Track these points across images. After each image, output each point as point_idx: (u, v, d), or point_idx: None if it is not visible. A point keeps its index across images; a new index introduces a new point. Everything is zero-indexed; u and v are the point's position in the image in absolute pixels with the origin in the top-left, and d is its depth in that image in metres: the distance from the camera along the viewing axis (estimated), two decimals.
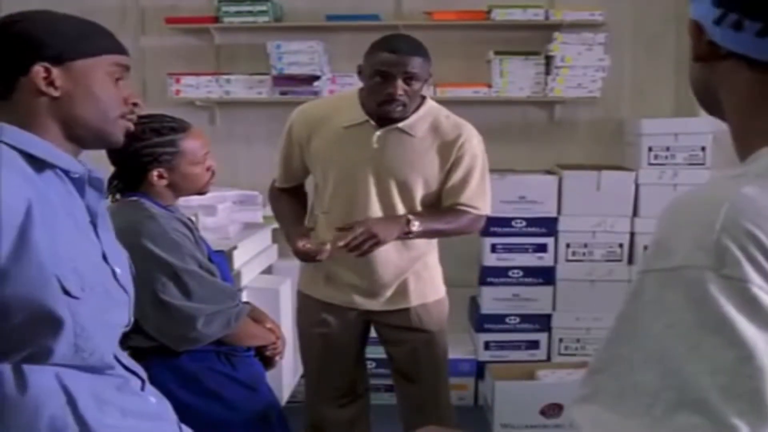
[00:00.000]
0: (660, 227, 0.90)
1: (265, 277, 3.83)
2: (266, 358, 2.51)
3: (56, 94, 1.48)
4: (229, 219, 3.68)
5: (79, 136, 1.55)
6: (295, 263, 4.13)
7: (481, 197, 2.85)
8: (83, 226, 1.54)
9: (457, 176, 2.80)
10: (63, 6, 1.64)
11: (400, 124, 2.74)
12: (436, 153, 2.78)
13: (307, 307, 3.02)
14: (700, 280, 0.81)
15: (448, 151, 2.78)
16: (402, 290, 2.90)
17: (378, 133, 2.74)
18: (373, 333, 3.09)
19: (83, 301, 1.43)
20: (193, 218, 3.00)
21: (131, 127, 1.64)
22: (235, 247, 3.46)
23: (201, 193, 2.41)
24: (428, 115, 2.80)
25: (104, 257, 1.56)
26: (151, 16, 4.67)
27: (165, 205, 2.32)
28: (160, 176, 2.28)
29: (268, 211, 4.20)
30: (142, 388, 1.67)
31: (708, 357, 0.80)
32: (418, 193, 2.80)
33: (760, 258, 0.81)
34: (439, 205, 2.87)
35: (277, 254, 4.18)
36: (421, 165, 2.77)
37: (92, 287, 1.45)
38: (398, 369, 3.06)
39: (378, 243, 2.65)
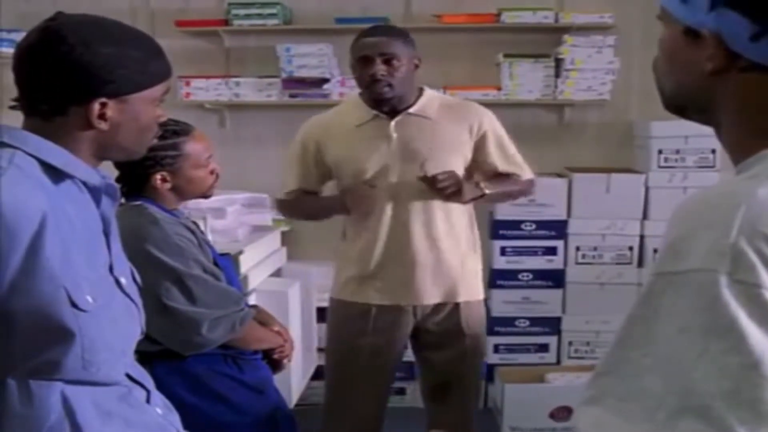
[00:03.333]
0: (673, 229, 0.89)
1: (274, 280, 3.84)
2: (274, 361, 2.51)
3: (105, 127, 1.48)
4: (238, 222, 3.69)
5: (109, 156, 1.58)
6: (305, 267, 4.17)
7: (522, 163, 2.95)
8: (96, 236, 1.53)
9: (491, 150, 2.87)
10: (76, 8, 1.63)
11: (411, 110, 2.80)
12: (458, 129, 2.82)
13: (349, 316, 2.90)
14: (713, 284, 0.81)
15: (469, 126, 2.83)
16: (450, 284, 2.86)
17: (392, 122, 2.78)
18: None
19: (91, 314, 1.41)
20: (202, 221, 3.01)
21: (153, 142, 1.64)
22: (242, 251, 3.47)
23: (205, 196, 2.41)
24: (433, 99, 2.87)
25: (110, 268, 1.55)
26: (161, 19, 4.67)
27: (169, 209, 2.33)
28: (163, 180, 2.28)
29: (278, 214, 4.23)
30: (148, 399, 1.65)
31: (715, 362, 0.79)
32: (460, 172, 2.82)
33: None
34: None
35: (285, 257, 4.18)
36: (450, 143, 2.81)
37: (99, 299, 1.44)
38: (440, 375, 2.98)
39: (459, 192, 2.73)
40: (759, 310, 0.79)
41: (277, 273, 4.02)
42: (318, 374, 4.23)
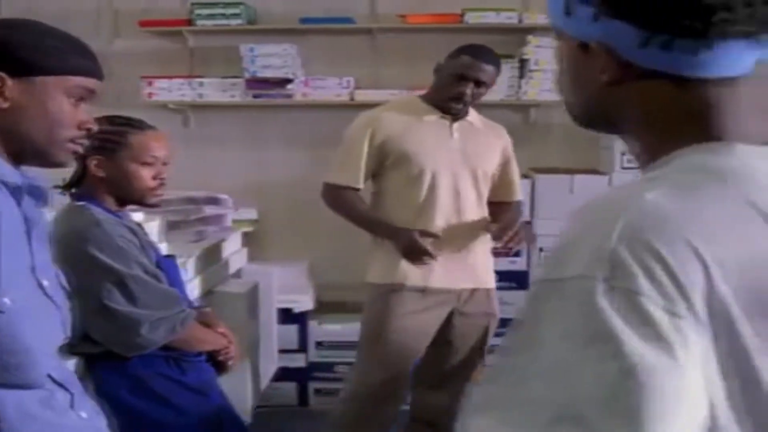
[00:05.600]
0: (562, 234, 0.89)
1: (234, 281, 3.82)
2: (219, 363, 2.49)
3: (4, 105, 1.46)
4: (197, 222, 3.67)
5: (19, 152, 1.52)
6: (266, 268, 4.16)
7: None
8: (18, 236, 1.51)
9: (512, 173, 3.30)
10: (40, 8, 1.64)
11: (468, 118, 3.15)
12: (496, 145, 3.23)
13: (399, 297, 3.06)
14: (591, 291, 0.79)
15: (502, 146, 3.25)
16: (484, 271, 3.22)
17: (455, 124, 3.09)
18: None
19: (8, 316, 1.39)
20: (158, 221, 2.99)
21: (79, 150, 1.60)
22: (202, 250, 3.45)
23: (145, 203, 2.38)
24: (473, 112, 3.19)
25: (33, 269, 1.53)
26: (125, 19, 4.63)
27: (112, 210, 2.31)
28: (98, 165, 2.26)
29: (238, 215, 4.23)
30: (73, 403, 1.63)
31: (592, 370, 0.78)
32: (488, 185, 3.21)
33: (657, 269, 0.79)
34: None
35: (246, 258, 4.17)
36: (492, 154, 3.19)
37: (18, 301, 1.42)
38: (459, 356, 3.22)
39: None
40: (636, 317, 0.77)
41: (238, 274, 4.00)
42: (281, 376, 4.23)
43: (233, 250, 3.92)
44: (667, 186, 0.86)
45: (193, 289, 3.23)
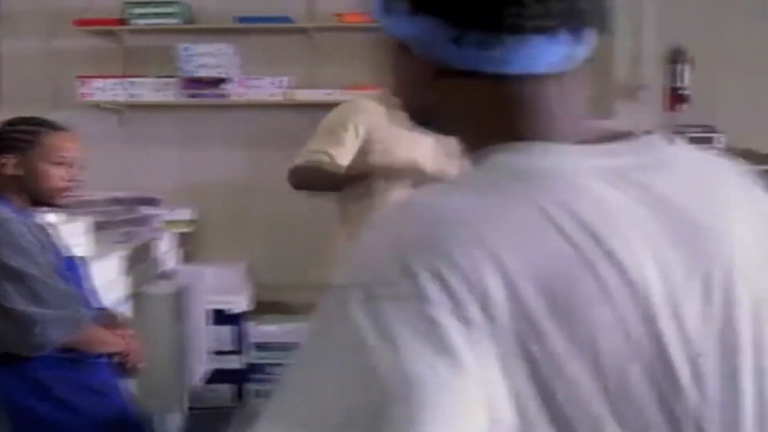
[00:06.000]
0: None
1: (162, 283, 3.78)
2: (120, 365, 2.46)
3: None
4: (124, 222, 3.65)
5: None
6: (200, 269, 4.14)
7: None
8: None
9: None
10: None
11: None
12: None
13: None
14: (350, 300, 0.76)
15: None
16: None
17: None
18: None
19: None
20: (81, 222, 2.96)
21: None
22: (128, 251, 3.42)
23: (54, 203, 2.37)
24: None
25: None
26: (61, 19, 4.56)
27: (19, 209, 2.30)
28: (4, 165, 2.27)
29: (174, 215, 4.20)
30: None
31: (345, 381, 0.74)
32: None
33: (423, 276, 0.74)
34: None
35: (177, 259, 4.13)
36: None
37: None
38: None
39: None
40: (389, 325, 0.75)
41: (169, 275, 3.96)
42: (216, 377, 4.19)
43: (163, 251, 3.89)
44: (465, 187, 0.84)
45: (118, 289, 3.20)
